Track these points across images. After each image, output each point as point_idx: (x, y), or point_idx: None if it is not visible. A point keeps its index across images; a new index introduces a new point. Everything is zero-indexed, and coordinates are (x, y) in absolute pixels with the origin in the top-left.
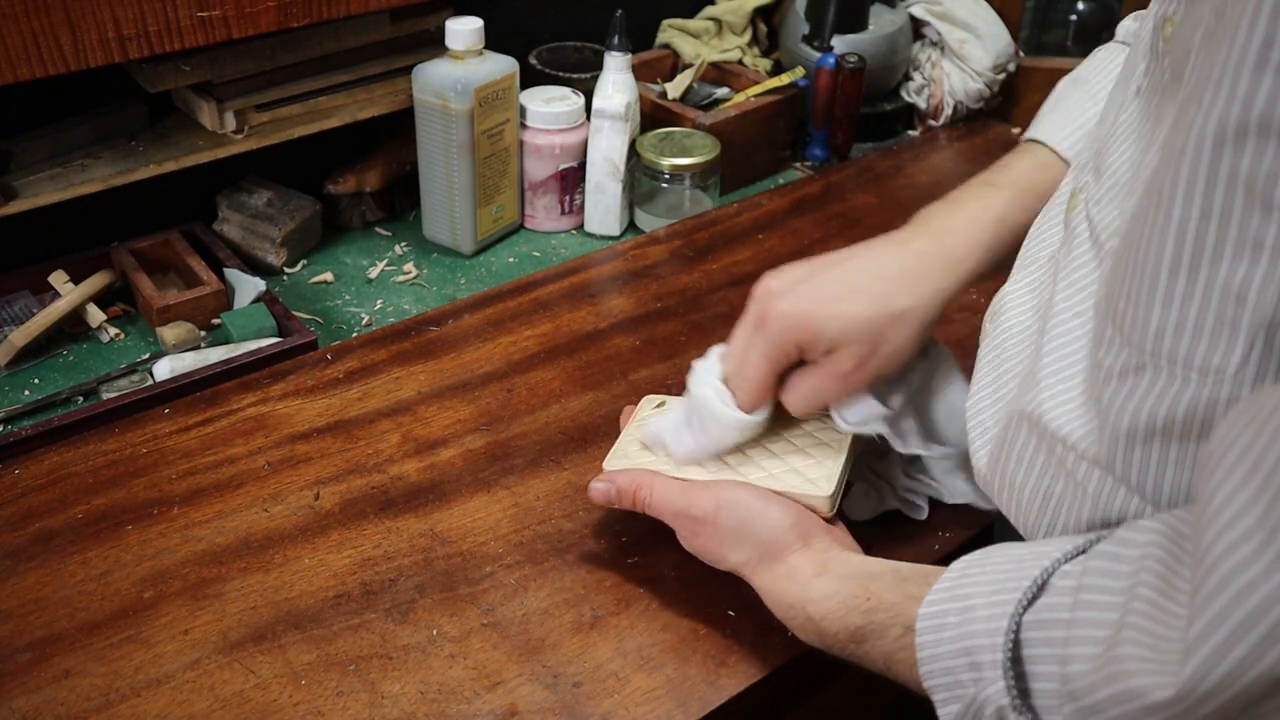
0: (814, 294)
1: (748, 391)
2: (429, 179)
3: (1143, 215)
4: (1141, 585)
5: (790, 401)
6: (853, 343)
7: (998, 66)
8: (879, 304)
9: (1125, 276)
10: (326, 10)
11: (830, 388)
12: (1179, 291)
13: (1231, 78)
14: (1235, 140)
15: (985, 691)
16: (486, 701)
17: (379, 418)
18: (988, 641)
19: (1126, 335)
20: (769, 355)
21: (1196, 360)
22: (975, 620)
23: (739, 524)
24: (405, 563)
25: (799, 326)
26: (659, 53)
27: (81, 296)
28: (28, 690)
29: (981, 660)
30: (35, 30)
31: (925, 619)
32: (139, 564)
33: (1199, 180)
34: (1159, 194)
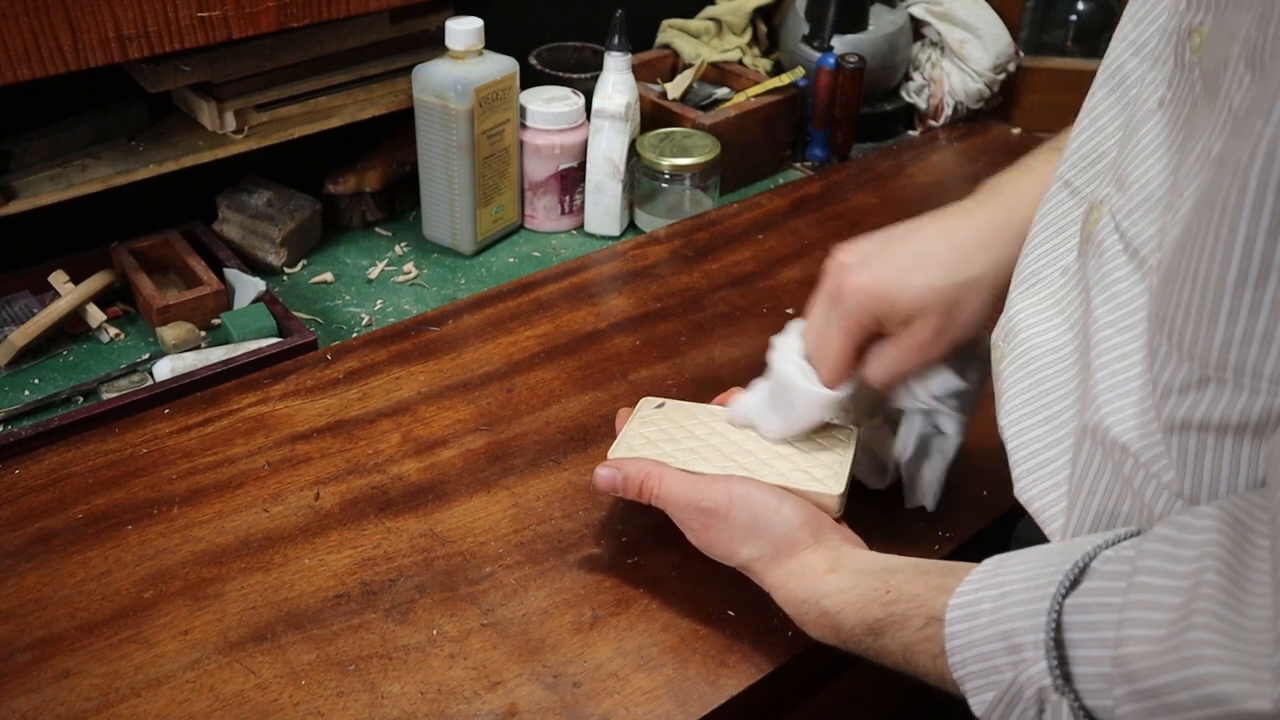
0: (887, 266)
1: (830, 367)
2: (429, 179)
3: (1201, 232)
4: (1208, 570)
5: (872, 374)
6: (928, 313)
7: (998, 66)
8: (952, 272)
9: (1182, 293)
10: (326, 10)
11: (909, 359)
12: (1246, 304)
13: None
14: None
15: (1026, 673)
16: (486, 701)
17: (379, 418)
18: (1028, 624)
19: (1187, 351)
20: (847, 330)
21: (1267, 370)
22: (1013, 605)
23: (751, 519)
24: (405, 563)
25: (874, 299)
26: (659, 53)
27: (81, 296)
28: (28, 690)
29: (1022, 642)
30: (35, 30)
31: (957, 608)
32: (139, 564)
33: (1267, 194)
34: (1222, 209)
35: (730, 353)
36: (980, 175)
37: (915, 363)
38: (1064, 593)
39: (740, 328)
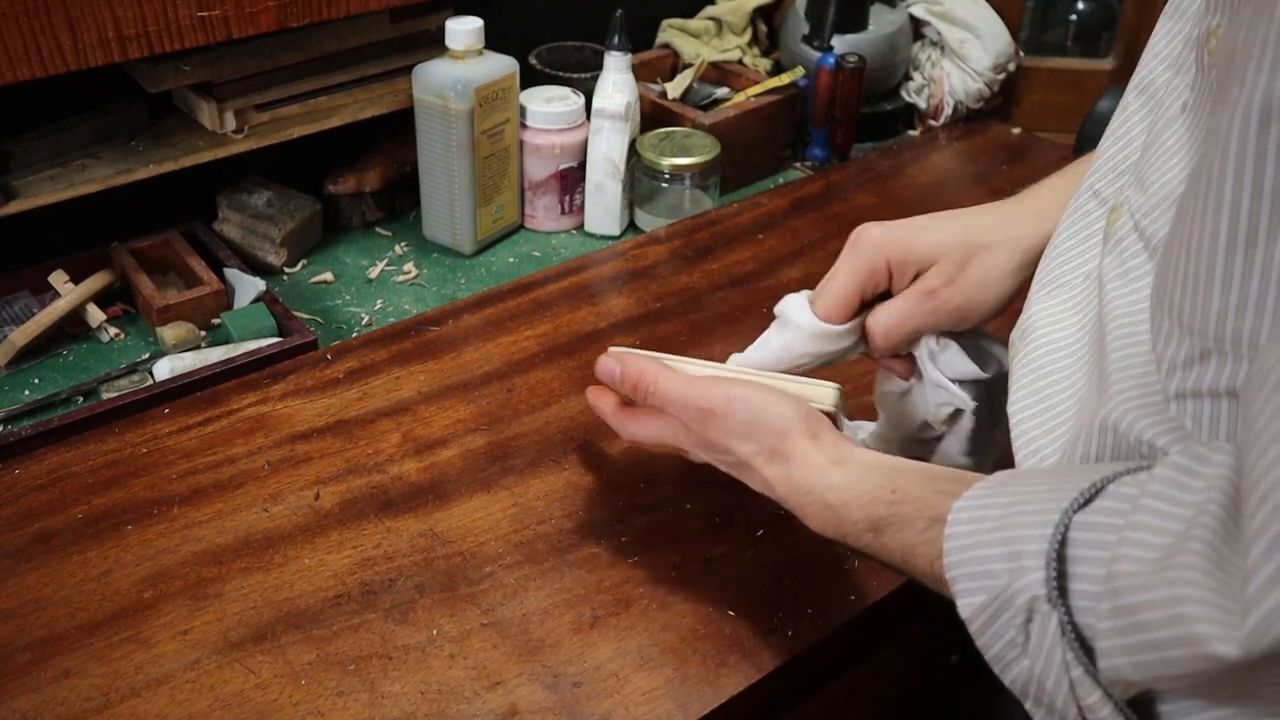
0: (906, 222)
1: (828, 299)
2: (429, 179)
3: (1191, 202)
4: (1212, 503)
5: (876, 324)
6: (943, 259)
7: (998, 66)
8: (972, 232)
9: (1178, 266)
10: (326, 10)
11: (914, 308)
12: (1238, 271)
13: (1274, 51)
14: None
15: (1021, 580)
16: (486, 701)
17: (379, 418)
18: (1034, 533)
19: (1186, 325)
20: (855, 269)
21: (1262, 337)
22: (1021, 514)
23: (749, 415)
24: (405, 563)
25: (889, 243)
26: (659, 53)
27: (81, 296)
28: (28, 690)
29: (1024, 550)
30: (35, 30)
31: (961, 510)
32: (139, 564)
33: (1248, 157)
34: (1207, 177)
35: (730, 352)
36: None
37: (919, 314)
38: (1076, 508)
39: (740, 328)
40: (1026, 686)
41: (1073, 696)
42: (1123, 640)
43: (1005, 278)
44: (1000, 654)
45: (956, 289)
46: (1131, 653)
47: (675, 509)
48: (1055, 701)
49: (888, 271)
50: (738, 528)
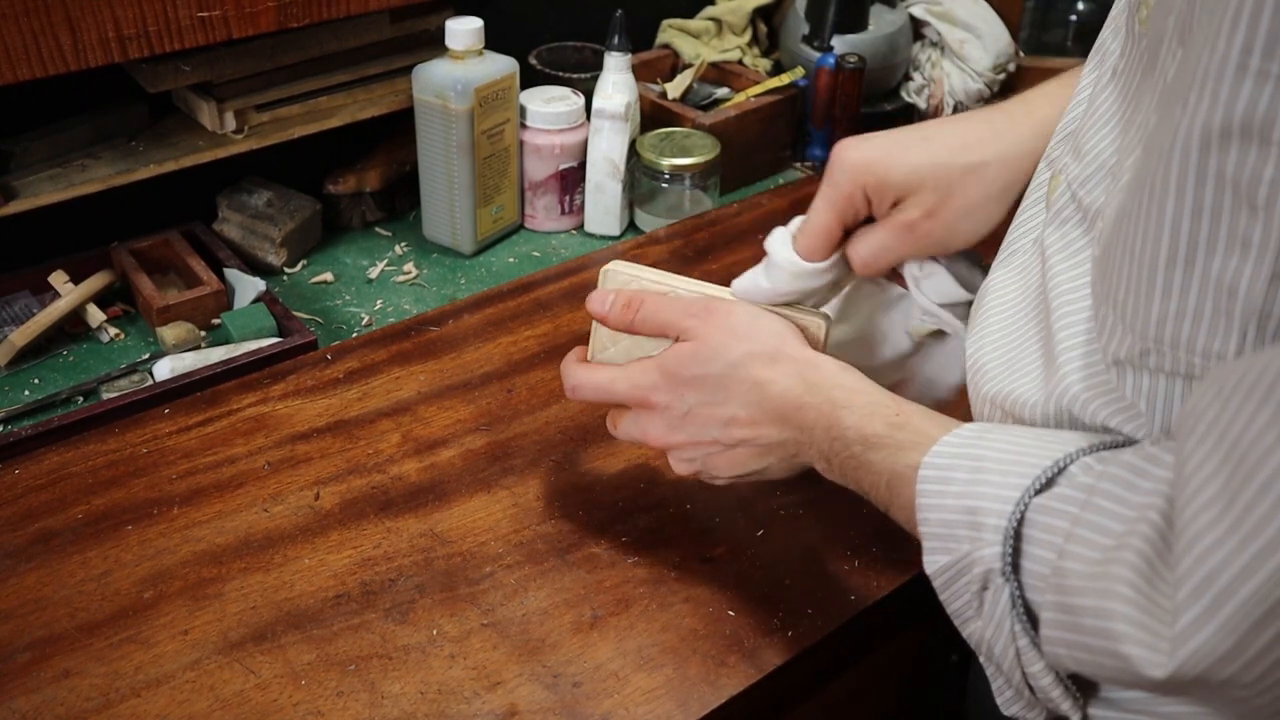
0: (886, 142)
1: (808, 236)
2: (429, 179)
3: (1135, 209)
4: (1153, 510)
5: (855, 254)
6: (922, 189)
7: (998, 66)
8: (955, 153)
9: (1122, 267)
10: (326, 10)
11: (894, 241)
12: (1177, 282)
13: (1214, 81)
14: (1220, 142)
15: (980, 551)
16: (486, 701)
17: (379, 418)
18: (995, 507)
19: (1129, 323)
20: (833, 200)
21: (1198, 345)
22: (986, 483)
23: (750, 316)
24: (405, 563)
25: (865, 170)
26: (659, 53)
27: (81, 296)
28: (28, 690)
29: (984, 523)
30: (35, 30)
31: (931, 467)
32: (139, 564)
33: (1189, 179)
34: (1150, 189)
35: None
36: None
37: (900, 246)
38: (1037, 489)
39: None
40: (979, 645)
41: (1018, 663)
42: (1062, 634)
43: (990, 202)
44: (958, 611)
45: (938, 221)
46: (1070, 648)
47: (675, 509)
48: (1003, 664)
49: (865, 199)
50: (738, 528)
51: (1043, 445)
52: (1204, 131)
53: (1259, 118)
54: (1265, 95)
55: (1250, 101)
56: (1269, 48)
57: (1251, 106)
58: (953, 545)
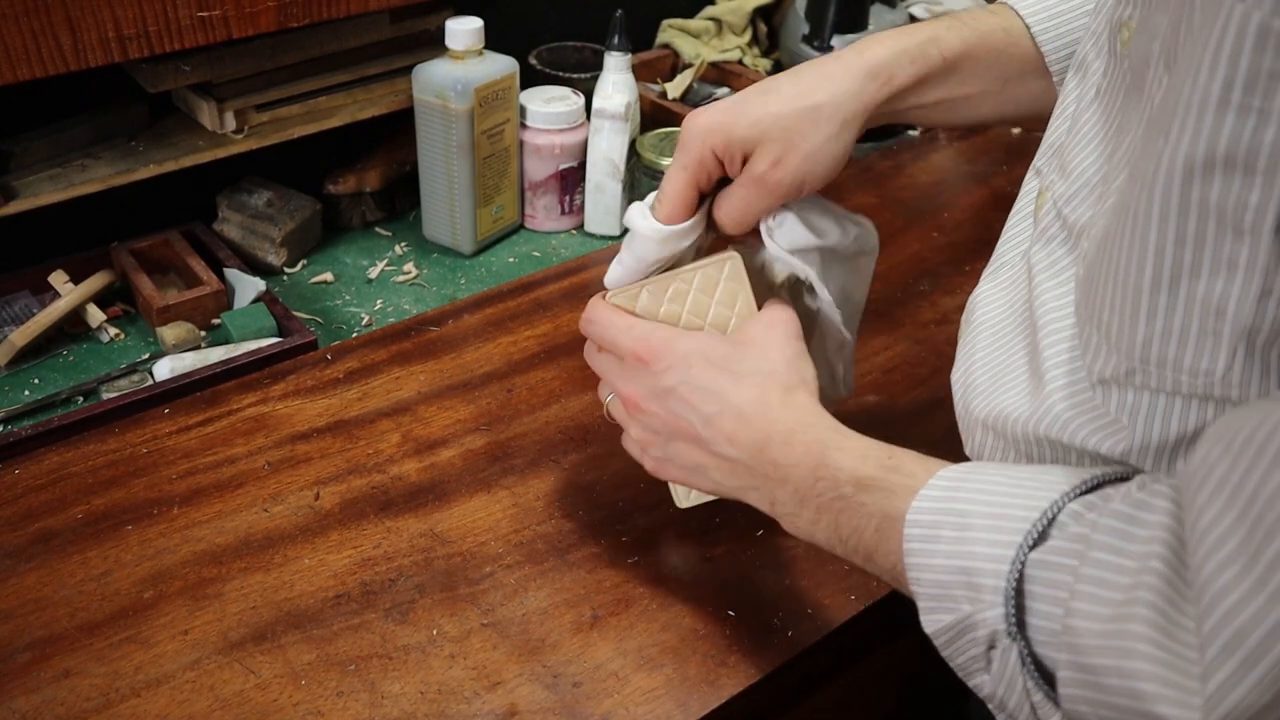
0: (729, 103)
1: (664, 201)
2: (429, 179)
3: (1118, 234)
4: (1154, 558)
5: (720, 216)
6: (766, 140)
7: None
8: (792, 101)
9: (1107, 289)
10: (326, 10)
11: (752, 195)
12: (1162, 305)
13: (1196, 114)
14: (1203, 173)
15: (983, 614)
16: (486, 701)
17: (379, 418)
18: (990, 567)
19: (1114, 343)
20: (685, 165)
21: (1185, 364)
22: (975, 542)
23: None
24: (405, 563)
25: (711, 131)
26: (659, 53)
27: (81, 296)
28: (28, 690)
29: (981, 584)
30: (35, 30)
31: (916, 525)
32: (139, 564)
33: (1171, 208)
34: (1134, 217)
35: None
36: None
37: (758, 198)
38: (1030, 545)
39: None
40: (990, 698)
41: (1034, 716)
42: (1083, 693)
43: (830, 142)
44: (963, 665)
45: (785, 168)
46: (1094, 706)
47: (675, 509)
48: (1018, 717)
49: (716, 161)
50: (738, 528)
51: (1026, 492)
52: (1187, 162)
53: (1243, 149)
54: (1248, 128)
55: (1233, 134)
56: (1249, 83)
57: (1235, 139)
58: (951, 605)
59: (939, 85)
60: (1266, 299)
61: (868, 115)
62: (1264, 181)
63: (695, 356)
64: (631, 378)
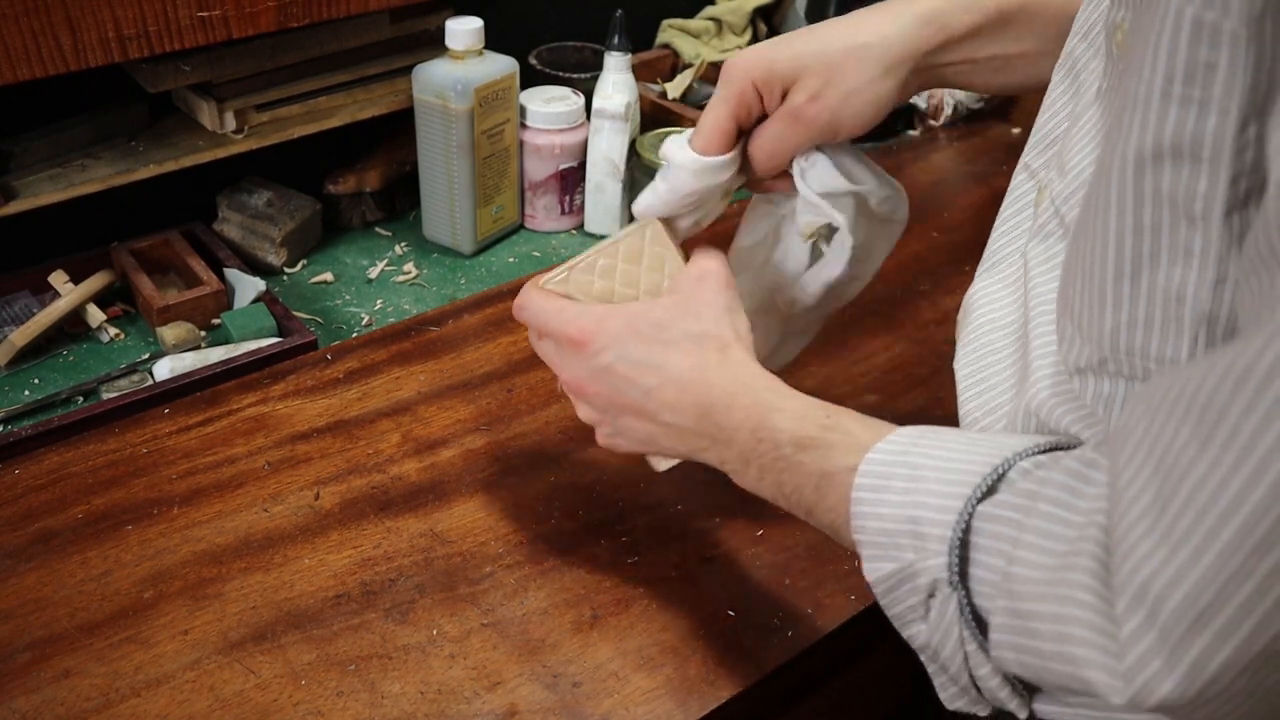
0: (773, 41)
1: (702, 132)
2: (429, 179)
3: (1085, 226)
4: (1099, 514)
5: (753, 150)
6: (806, 73)
7: None
8: (838, 38)
9: (1076, 280)
10: (326, 10)
11: (786, 129)
12: (1126, 294)
13: (1143, 107)
14: (1154, 163)
15: (926, 562)
16: (486, 701)
17: (379, 418)
18: (938, 517)
19: (1086, 333)
20: (725, 98)
21: (1152, 351)
22: (925, 492)
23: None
24: (405, 563)
25: (752, 65)
26: (659, 53)
27: (81, 296)
28: (28, 690)
29: (927, 533)
30: (35, 30)
31: (867, 475)
32: (139, 564)
33: (1128, 198)
34: (1097, 209)
35: None
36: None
37: (793, 134)
38: (979, 497)
39: None
40: (924, 648)
41: (966, 665)
42: (1012, 639)
43: (873, 83)
44: (899, 615)
45: (823, 104)
46: (1019, 652)
47: (675, 509)
48: (949, 667)
49: (757, 94)
50: (738, 528)
51: (979, 451)
52: (1138, 154)
53: (1187, 138)
54: (1190, 118)
55: (1178, 124)
56: (1189, 75)
57: (1179, 129)
58: (895, 554)
59: (993, 40)
60: (1222, 285)
61: (915, 63)
62: (1209, 169)
63: (626, 331)
64: (571, 361)
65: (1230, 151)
